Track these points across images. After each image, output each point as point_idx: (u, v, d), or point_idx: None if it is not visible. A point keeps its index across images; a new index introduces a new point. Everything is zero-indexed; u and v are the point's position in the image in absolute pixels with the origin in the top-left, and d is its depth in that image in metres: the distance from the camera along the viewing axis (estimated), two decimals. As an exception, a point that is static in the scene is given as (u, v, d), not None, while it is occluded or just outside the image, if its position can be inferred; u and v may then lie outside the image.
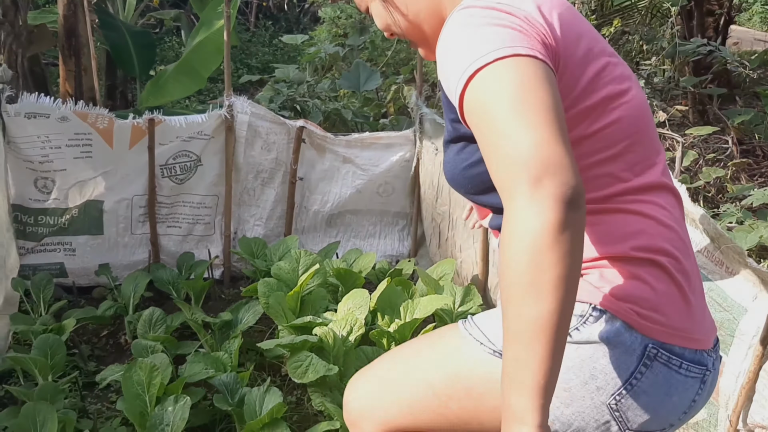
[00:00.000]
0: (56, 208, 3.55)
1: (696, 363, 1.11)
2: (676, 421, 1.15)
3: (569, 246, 0.87)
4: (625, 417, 1.10)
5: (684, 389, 1.11)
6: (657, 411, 1.10)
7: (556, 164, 0.88)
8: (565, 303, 0.88)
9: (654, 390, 1.08)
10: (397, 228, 4.11)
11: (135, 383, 2.41)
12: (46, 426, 2.24)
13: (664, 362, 1.08)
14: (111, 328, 3.43)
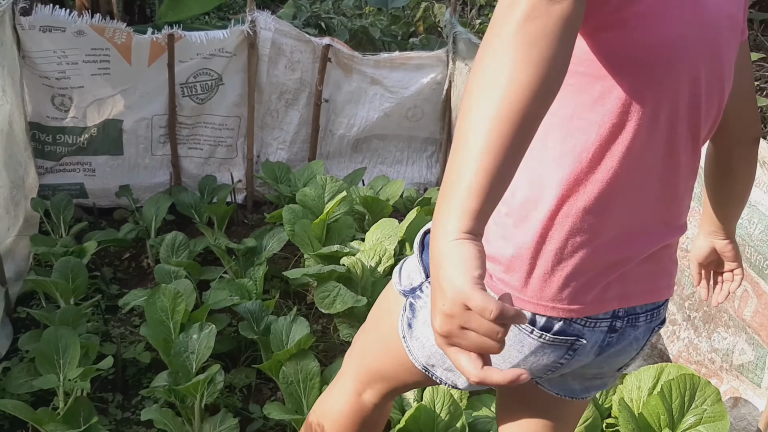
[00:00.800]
0: (74, 127, 3.43)
1: (556, 332, 1.10)
2: (546, 375, 1.18)
3: (537, 35, 0.82)
4: (507, 363, 1.14)
5: (540, 352, 1.12)
6: (514, 364, 1.13)
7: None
8: (519, 95, 0.80)
9: (509, 345, 1.10)
10: (425, 154, 3.96)
11: (159, 309, 2.34)
12: (69, 351, 2.19)
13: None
14: (133, 251, 3.36)
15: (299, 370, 2.12)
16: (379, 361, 1.38)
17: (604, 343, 1.15)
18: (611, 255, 1.08)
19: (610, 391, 2.17)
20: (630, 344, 1.19)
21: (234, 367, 2.58)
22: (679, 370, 2.09)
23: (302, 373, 2.11)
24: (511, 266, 1.08)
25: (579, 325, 1.10)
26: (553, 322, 1.09)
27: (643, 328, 1.19)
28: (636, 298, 1.16)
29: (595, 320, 1.12)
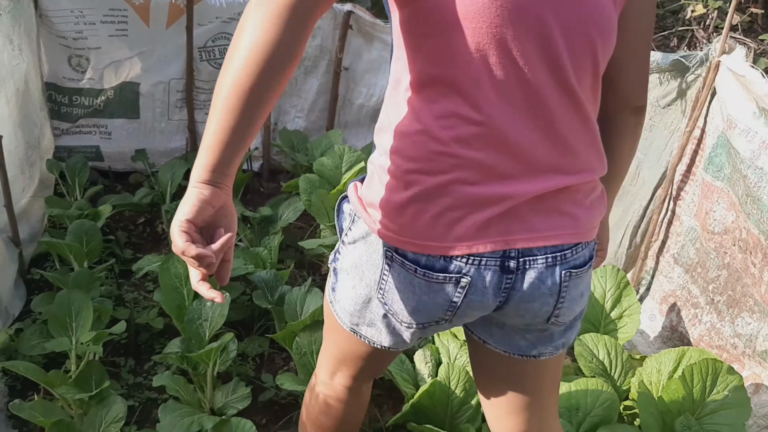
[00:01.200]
0: (91, 89, 3.39)
1: (438, 270, 1.14)
2: (449, 316, 1.21)
3: (263, 16, 0.94)
4: (392, 309, 1.21)
5: (431, 291, 1.17)
6: (413, 306, 1.19)
7: None
8: (251, 68, 0.94)
9: (402, 287, 1.18)
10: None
11: (172, 276, 2.31)
12: (81, 314, 2.17)
13: (400, 264, 1.16)
14: (148, 216, 3.33)
15: (313, 341, 2.09)
16: (334, 342, 1.42)
17: (502, 284, 1.17)
18: (483, 194, 1.11)
19: (629, 373, 2.13)
20: (538, 289, 1.19)
21: (247, 335, 2.56)
22: (701, 355, 2.04)
23: (316, 345, 2.08)
24: (387, 209, 1.15)
25: (460, 263, 1.14)
26: (434, 261, 1.14)
27: (547, 271, 1.18)
28: (526, 240, 1.16)
29: (479, 258, 1.14)
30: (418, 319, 1.21)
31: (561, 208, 1.17)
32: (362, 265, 1.22)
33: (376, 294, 1.22)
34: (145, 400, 2.25)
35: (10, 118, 2.66)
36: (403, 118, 1.13)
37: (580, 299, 1.26)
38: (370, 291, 1.23)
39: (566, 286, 1.20)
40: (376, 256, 1.19)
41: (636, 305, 2.29)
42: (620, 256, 2.61)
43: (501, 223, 1.13)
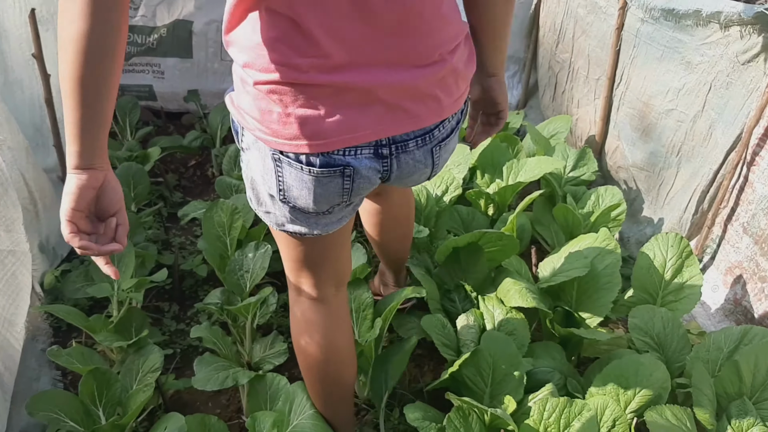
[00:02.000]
0: (144, 26, 3.34)
1: (322, 166, 1.22)
2: (345, 199, 1.30)
3: (74, 11, 0.95)
4: (297, 204, 1.29)
5: (321, 184, 1.25)
6: (312, 198, 1.27)
7: None
8: (75, 61, 0.97)
9: (296, 184, 1.26)
10: (507, 74, 3.70)
11: (216, 224, 2.28)
12: (123, 260, 2.16)
13: (288, 164, 1.23)
14: (199, 159, 3.31)
15: (352, 299, 2.03)
16: (283, 252, 1.51)
17: (383, 168, 1.29)
18: (345, 90, 1.15)
19: (685, 349, 2.01)
20: (414, 166, 1.33)
21: (290, 286, 2.53)
22: (764, 335, 1.90)
23: (356, 303, 2.02)
24: (260, 117, 1.19)
25: (339, 156, 1.22)
26: (314, 158, 1.21)
27: (418, 151, 1.31)
28: (395, 128, 1.24)
29: (354, 149, 1.23)
30: (320, 207, 1.31)
31: (424, 91, 1.23)
32: (261, 169, 1.29)
33: (278, 195, 1.30)
34: (186, 347, 2.26)
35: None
36: (245, 31, 1.15)
37: (450, 153, 1.43)
38: (273, 193, 1.30)
39: (437, 157, 1.36)
40: (267, 160, 1.26)
41: (698, 276, 2.14)
42: (685, 222, 2.45)
43: (368, 115, 1.20)
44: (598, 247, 2.15)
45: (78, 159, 1.04)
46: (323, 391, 1.70)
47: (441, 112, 1.30)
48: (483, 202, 2.59)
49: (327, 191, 1.27)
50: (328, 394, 1.71)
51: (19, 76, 2.31)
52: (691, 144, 2.40)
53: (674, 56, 2.42)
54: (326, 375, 1.65)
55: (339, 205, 1.33)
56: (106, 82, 1.01)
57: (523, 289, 2.01)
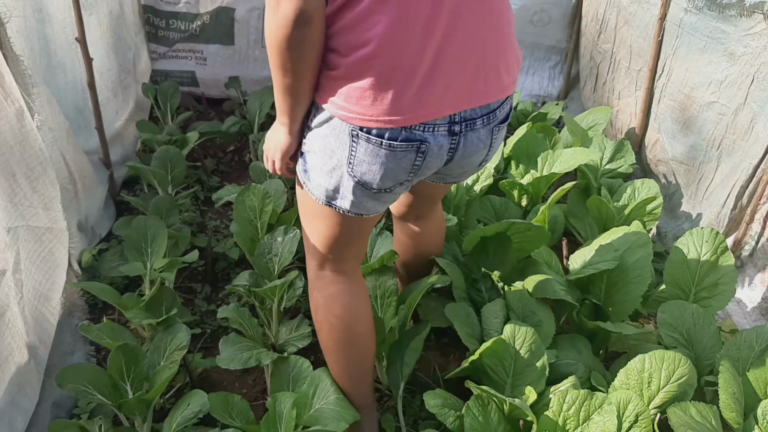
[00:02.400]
0: (187, 13, 3.40)
1: (401, 141, 1.37)
2: (411, 177, 1.46)
3: (301, 50, 1.29)
4: (362, 180, 1.43)
5: (396, 159, 1.40)
6: (381, 174, 1.42)
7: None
8: (296, 81, 1.34)
9: (369, 159, 1.40)
10: (548, 64, 3.65)
11: (247, 208, 2.31)
12: (156, 240, 2.21)
13: (366, 140, 1.37)
14: (237, 145, 3.36)
15: (377, 286, 2.04)
16: (314, 228, 1.61)
17: (450, 146, 1.45)
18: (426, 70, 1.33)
19: (716, 346, 1.96)
20: (476, 146, 1.50)
21: (320, 271, 2.55)
22: (800, 335, 1.84)
23: (380, 289, 2.03)
24: (346, 95, 1.34)
25: (419, 131, 1.38)
26: (396, 133, 1.36)
27: (483, 130, 1.48)
28: (469, 102, 1.42)
29: (433, 125, 1.39)
30: (385, 184, 1.44)
31: (492, 69, 1.43)
32: (330, 144, 1.42)
33: (346, 168, 1.42)
34: (216, 328, 2.30)
35: (102, 40, 2.70)
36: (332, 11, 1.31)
37: (500, 143, 1.60)
38: (340, 166, 1.42)
39: (495, 138, 1.54)
40: (343, 136, 1.39)
41: (733, 273, 2.09)
42: (723, 218, 2.38)
43: (448, 90, 1.37)
44: (630, 241, 2.11)
45: (289, 126, 1.44)
46: (347, 366, 1.74)
47: (503, 89, 1.48)
48: (516, 192, 2.57)
49: (398, 167, 1.41)
50: (352, 368, 1.74)
51: (62, 59, 2.37)
52: (732, 137, 2.33)
53: (717, 47, 2.36)
54: (350, 348, 1.70)
55: (400, 185, 1.47)
56: (311, 87, 1.38)
57: (550, 280, 1.99)
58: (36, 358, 1.84)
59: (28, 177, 1.91)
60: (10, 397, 1.66)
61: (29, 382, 1.77)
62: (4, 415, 1.64)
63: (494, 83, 1.45)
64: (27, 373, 1.75)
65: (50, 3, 2.25)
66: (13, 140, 1.84)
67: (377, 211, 1.55)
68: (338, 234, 1.58)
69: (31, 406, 1.78)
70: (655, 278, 2.19)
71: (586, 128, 2.86)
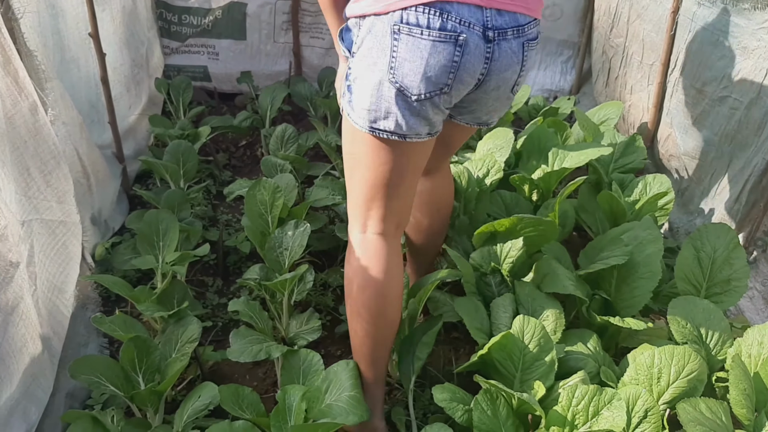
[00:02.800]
0: (200, 8, 3.41)
1: (439, 29, 1.44)
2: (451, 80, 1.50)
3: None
4: (404, 84, 1.48)
5: (436, 51, 1.45)
6: (422, 72, 1.46)
7: None
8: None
9: (410, 56, 1.45)
10: (560, 59, 3.64)
11: (258, 202, 2.32)
12: (168, 234, 2.23)
13: (407, 33, 1.44)
14: (249, 139, 3.37)
15: (388, 280, 2.04)
16: (356, 182, 1.67)
17: (487, 52, 1.51)
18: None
19: (727, 342, 1.95)
20: (510, 58, 1.55)
21: (331, 265, 2.56)
22: (812, 331, 1.83)
23: (391, 283, 2.04)
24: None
25: (455, 23, 1.45)
26: (433, 20, 1.44)
27: (514, 42, 1.55)
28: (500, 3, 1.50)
29: (468, 22, 1.46)
30: (426, 87, 1.48)
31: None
32: (372, 57, 1.48)
33: (387, 76, 1.48)
34: (227, 321, 2.32)
35: (115, 35, 2.72)
36: None
37: (529, 70, 1.67)
38: (381, 76, 1.48)
39: (526, 56, 1.59)
40: (384, 39, 1.46)
41: (745, 268, 2.08)
42: (735, 213, 2.37)
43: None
44: (640, 236, 2.10)
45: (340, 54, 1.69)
46: (375, 335, 1.75)
47: (528, 9, 1.57)
48: (527, 187, 2.57)
49: (438, 63, 1.46)
50: (379, 337, 1.76)
51: (76, 54, 2.39)
52: (744, 133, 2.31)
53: (730, 41, 2.34)
54: (379, 318, 1.73)
55: (440, 91, 1.51)
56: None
57: (559, 275, 1.99)
58: (50, 349, 1.86)
59: (41, 171, 1.93)
60: (24, 387, 1.68)
61: (43, 373, 1.80)
62: (18, 405, 1.66)
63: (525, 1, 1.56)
64: (41, 365, 1.78)
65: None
66: (27, 134, 1.86)
67: (419, 134, 1.57)
68: (382, 176, 1.63)
69: (45, 397, 1.80)
70: (667, 274, 2.18)
71: (597, 123, 2.85)
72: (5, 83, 1.76)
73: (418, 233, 2.13)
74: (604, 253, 2.13)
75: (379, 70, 1.48)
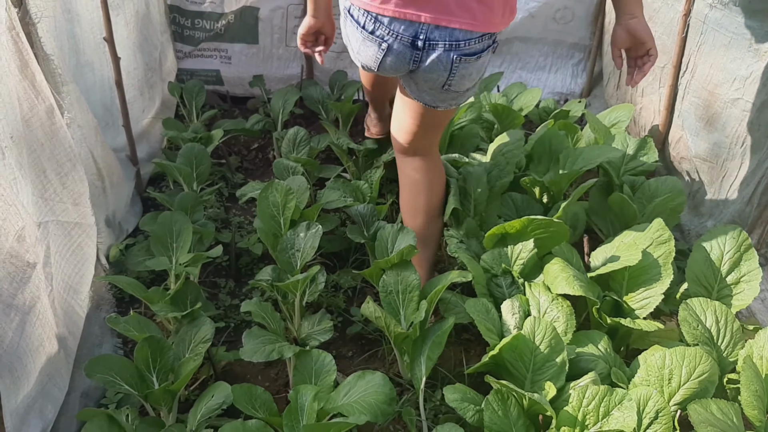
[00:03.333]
0: (212, 12, 3.44)
1: (369, 32, 1.85)
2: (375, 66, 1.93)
3: None
4: (351, 53, 2.01)
5: (365, 44, 1.89)
6: (357, 51, 1.95)
7: None
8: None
9: (351, 38, 1.95)
10: (571, 62, 3.64)
11: (270, 204, 2.34)
12: (182, 236, 2.26)
13: (351, 21, 1.90)
14: (261, 142, 3.39)
15: (399, 281, 2.06)
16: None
17: (413, 57, 1.86)
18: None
19: (739, 344, 1.95)
20: (436, 65, 1.85)
21: (342, 267, 2.58)
22: (823, 333, 1.83)
23: (402, 284, 2.05)
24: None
25: (383, 32, 1.83)
26: (367, 23, 1.84)
27: (444, 54, 1.82)
28: (432, 19, 1.77)
29: (396, 33, 1.82)
30: (361, 60, 1.96)
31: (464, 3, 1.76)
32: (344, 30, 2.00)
33: (348, 44, 2.00)
34: (240, 322, 2.34)
35: (129, 39, 2.75)
36: None
37: (469, 77, 1.90)
38: (346, 43, 2.02)
39: (456, 66, 1.84)
40: (346, 21, 1.94)
41: (756, 270, 2.08)
42: (747, 215, 2.37)
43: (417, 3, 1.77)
44: (651, 238, 2.10)
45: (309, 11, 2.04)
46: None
47: (472, 24, 1.78)
48: (538, 190, 2.57)
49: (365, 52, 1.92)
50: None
51: (90, 58, 2.43)
52: (756, 135, 2.31)
53: (742, 43, 2.34)
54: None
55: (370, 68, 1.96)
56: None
57: (570, 276, 1.99)
58: (65, 349, 1.89)
59: (57, 173, 1.96)
60: (40, 386, 1.71)
61: (59, 372, 1.82)
62: (35, 403, 1.68)
63: (461, 16, 1.77)
64: (57, 364, 1.80)
65: (79, 3, 2.30)
66: (43, 137, 1.88)
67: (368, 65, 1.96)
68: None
69: (61, 396, 1.83)
70: (678, 276, 2.18)
71: (608, 126, 2.85)
72: (23, 87, 1.79)
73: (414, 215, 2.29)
74: (615, 254, 2.13)
75: (346, 39, 2.02)
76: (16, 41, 1.78)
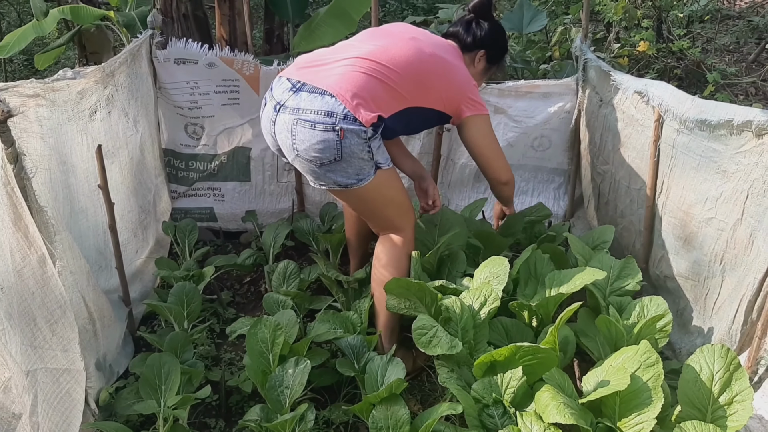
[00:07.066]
0: (206, 154, 3.59)
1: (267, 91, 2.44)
2: (268, 131, 2.44)
3: None
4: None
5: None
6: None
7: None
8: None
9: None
10: (552, 186, 3.76)
11: (259, 340, 2.35)
12: (171, 377, 2.25)
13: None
14: (254, 275, 3.44)
15: (389, 416, 2.04)
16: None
17: (273, 118, 2.35)
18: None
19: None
20: (282, 126, 2.30)
21: (334, 401, 2.55)
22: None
23: (392, 420, 2.03)
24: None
25: (269, 91, 2.41)
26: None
27: (288, 116, 2.27)
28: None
29: (272, 94, 2.37)
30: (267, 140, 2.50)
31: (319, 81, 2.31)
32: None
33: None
34: (230, 465, 2.29)
35: (123, 185, 2.86)
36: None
37: (310, 147, 2.25)
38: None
39: (296, 130, 2.25)
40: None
41: (748, 390, 2.06)
42: (735, 333, 2.38)
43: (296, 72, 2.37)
44: (639, 360, 2.10)
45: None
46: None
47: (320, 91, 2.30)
48: (526, 313, 2.59)
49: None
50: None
51: (85, 205, 2.51)
52: (733, 252, 2.37)
53: (710, 165, 2.44)
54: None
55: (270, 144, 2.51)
56: None
57: (560, 404, 1.98)
58: (48, 502, 1.84)
59: (47, 320, 1.99)
60: None
61: None
62: None
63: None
64: None
65: (74, 155, 2.41)
66: (35, 286, 1.93)
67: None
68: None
69: None
70: (672, 397, 2.16)
71: (591, 247, 2.91)
72: (15, 239, 1.85)
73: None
74: (606, 378, 2.12)
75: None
76: (10, 195, 1.87)
